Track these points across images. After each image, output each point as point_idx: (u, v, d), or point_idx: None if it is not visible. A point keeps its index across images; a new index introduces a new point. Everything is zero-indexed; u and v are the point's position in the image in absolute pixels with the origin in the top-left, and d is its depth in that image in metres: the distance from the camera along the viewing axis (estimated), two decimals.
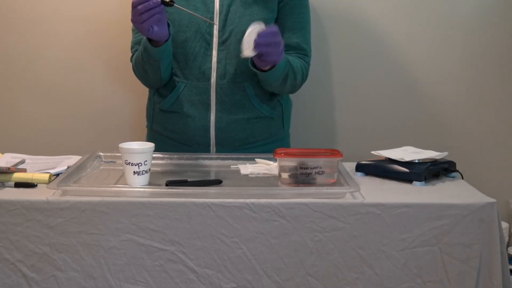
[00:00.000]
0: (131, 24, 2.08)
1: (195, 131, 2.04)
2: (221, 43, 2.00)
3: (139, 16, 1.80)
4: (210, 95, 2.02)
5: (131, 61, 2.10)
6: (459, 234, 1.59)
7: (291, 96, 2.22)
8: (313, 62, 2.16)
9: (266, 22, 1.99)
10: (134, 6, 1.80)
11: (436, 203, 1.60)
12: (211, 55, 2.01)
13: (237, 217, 1.57)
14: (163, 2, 1.80)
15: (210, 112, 2.02)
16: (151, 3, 1.78)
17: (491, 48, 2.53)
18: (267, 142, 2.11)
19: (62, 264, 1.57)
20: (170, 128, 2.08)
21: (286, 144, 2.21)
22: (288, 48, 2.04)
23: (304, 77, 2.08)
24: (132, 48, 2.10)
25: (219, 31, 2.00)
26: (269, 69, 1.90)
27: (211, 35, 2.00)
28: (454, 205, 1.60)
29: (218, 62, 2.00)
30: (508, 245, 2.47)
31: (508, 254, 1.95)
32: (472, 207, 1.60)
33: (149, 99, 2.17)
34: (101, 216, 1.56)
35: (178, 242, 1.57)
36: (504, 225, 2.48)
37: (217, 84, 2.01)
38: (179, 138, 2.07)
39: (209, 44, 2.00)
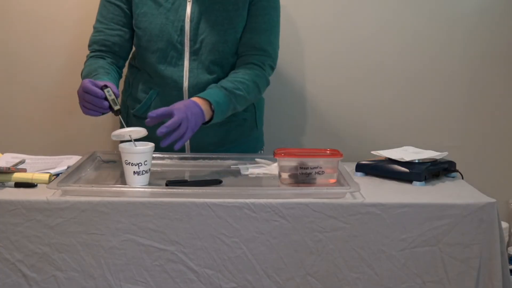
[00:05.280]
0: None
1: None
2: (192, 53, 1.97)
3: (82, 103, 1.76)
4: None
5: (86, 58, 2.03)
6: (459, 234, 1.59)
7: (267, 95, 2.19)
8: (314, 62, 2.16)
9: (238, 28, 1.98)
10: (80, 92, 1.75)
11: (436, 203, 1.60)
12: (182, 64, 1.98)
13: (237, 217, 1.57)
14: (111, 109, 1.74)
15: None
16: (98, 104, 1.73)
17: (491, 48, 2.53)
18: (241, 143, 2.10)
19: (62, 264, 1.57)
20: None
21: (260, 143, 2.21)
22: (249, 48, 2.00)
23: (261, 86, 2.00)
24: (90, 46, 2.04)
25: (190, 41, 1.97)
26: (209, 121, 1.84)
27: (183, 45, 1.97)
28: (454, 205, 1.60)
29: (190, 71, 1.98)
30: (508, 245, 2.47)
31: (508, 254, 1.95)
32: (472, 207, 1.60)
33: (123, 102, 2.14)
34: (101, 216, 1.56)
35: (178, 242, 1.57)
36: (504, 225, 2.48)
37: (189, 92, 1.98)
38: (154, 144, 2.04)
39: (180, 54, 1.98)
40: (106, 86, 1.73)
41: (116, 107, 1.74)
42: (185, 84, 1.98)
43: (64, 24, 2.49)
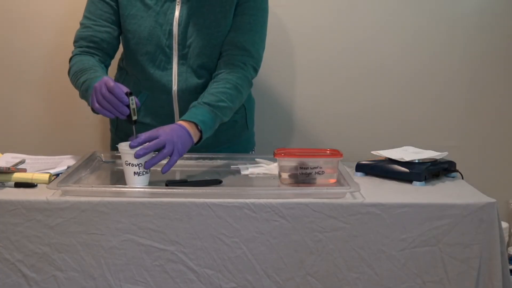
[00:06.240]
0: None
1: None
2: (180, 57, 1.96)
3: (100, 100, 1.70)
4: (173, 106, 1.99)
5: (72, 55, 1.99)
6: (459, 234, 1.59)
7: (255, 94, 2.19)
8: (315, 62, 2.15)
9: (225, 32, 1.95)
10: (103, 89, 1.68)
11: (436, 203, 1.60)
12: (171, 68, 1.96)
13: (237, 217, 1.57)
14: (128, 118, 1.71)
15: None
16: (119, 108, 1.68)
17: (491, 48, 2.53)
18: (232, 144, 2.10)
19: (62, 264, 1.57)
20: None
21: (251, 144, 2.21)
22: (231, 47, 1.96)
23: (244, 90, 1.94)
24: (76, 42, 1.99)
25: (178, 45, 1.95)
26: (200, 140, 1.80)
27: (171, 48, 1.95)
28: (454, 205, 1.60)
29: (179, 75, 1.96)
30: (508, 245, 2.47)
31: (508, 254, 1.95)
32: (472, 207, 1.60)
33: None
34: (101, 216, 1.56)
35: (178, 242, 1.57)
36: (504, 225, 2.48)
37: (179, 96, 1.97)
38: None
39: (169, 57, 1.96)
40: (131, 94, 1.69)
41: (134, 118, 1.71)
42: (174, 88, 1.97)
43: (66, 24, 2.49)
